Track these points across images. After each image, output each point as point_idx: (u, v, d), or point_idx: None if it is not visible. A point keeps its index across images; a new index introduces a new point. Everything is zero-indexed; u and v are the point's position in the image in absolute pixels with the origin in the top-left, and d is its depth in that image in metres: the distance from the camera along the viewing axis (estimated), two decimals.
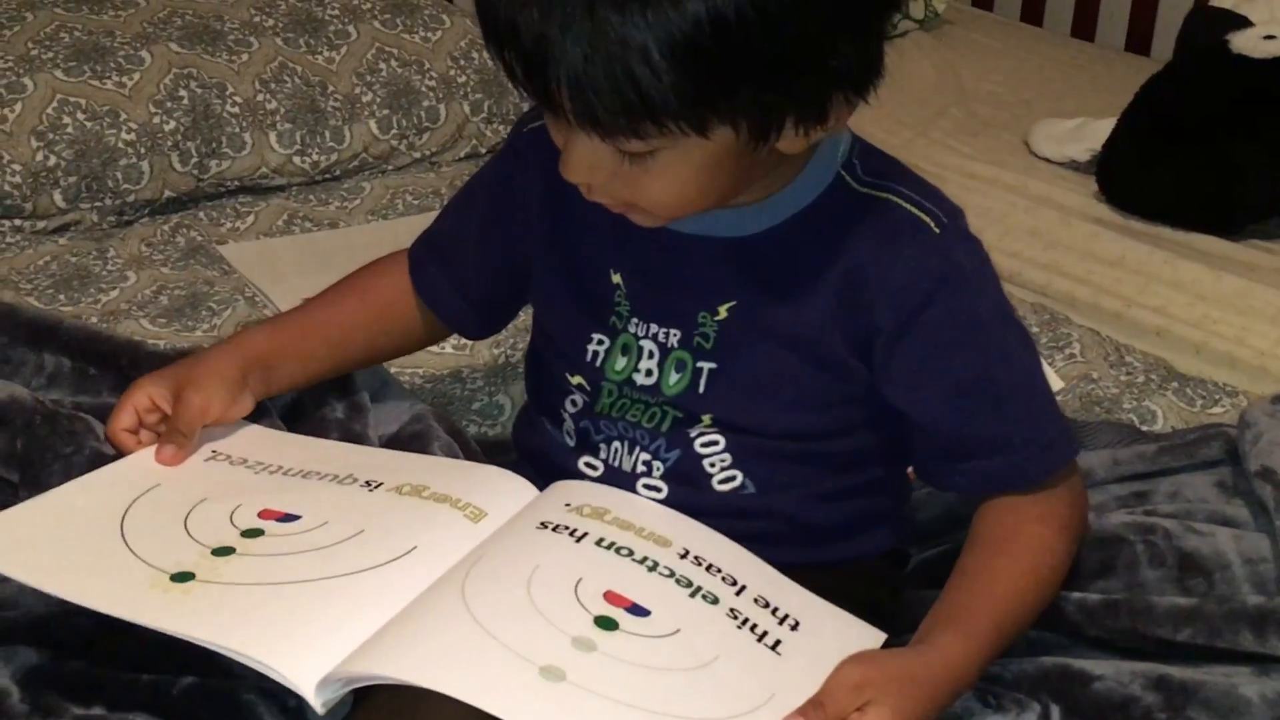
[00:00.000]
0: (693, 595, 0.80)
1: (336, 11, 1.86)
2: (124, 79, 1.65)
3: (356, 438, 1.09)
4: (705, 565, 0.83)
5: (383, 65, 1.82)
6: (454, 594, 0.77)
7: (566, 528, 0.84)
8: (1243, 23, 1.77)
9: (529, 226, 0.95)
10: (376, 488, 0.89)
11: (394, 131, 1.81)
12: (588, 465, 0.94)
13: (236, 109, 1.70)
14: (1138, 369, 1.37)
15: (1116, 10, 2.57)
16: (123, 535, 0.82)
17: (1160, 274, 1.58)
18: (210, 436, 0.96)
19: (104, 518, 0.84)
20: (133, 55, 1.68)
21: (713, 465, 0.91)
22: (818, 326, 0.86)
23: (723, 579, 0.83)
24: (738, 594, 0.82)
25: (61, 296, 1.44)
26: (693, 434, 0.90)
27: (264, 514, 0.85)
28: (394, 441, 1.10)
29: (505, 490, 0.89)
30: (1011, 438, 0.87)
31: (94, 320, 1.37)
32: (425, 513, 0.86)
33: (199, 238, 1.60)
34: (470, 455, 1.12)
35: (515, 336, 1.34)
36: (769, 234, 0.87)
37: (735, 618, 0.80)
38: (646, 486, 0.92)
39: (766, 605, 0.82)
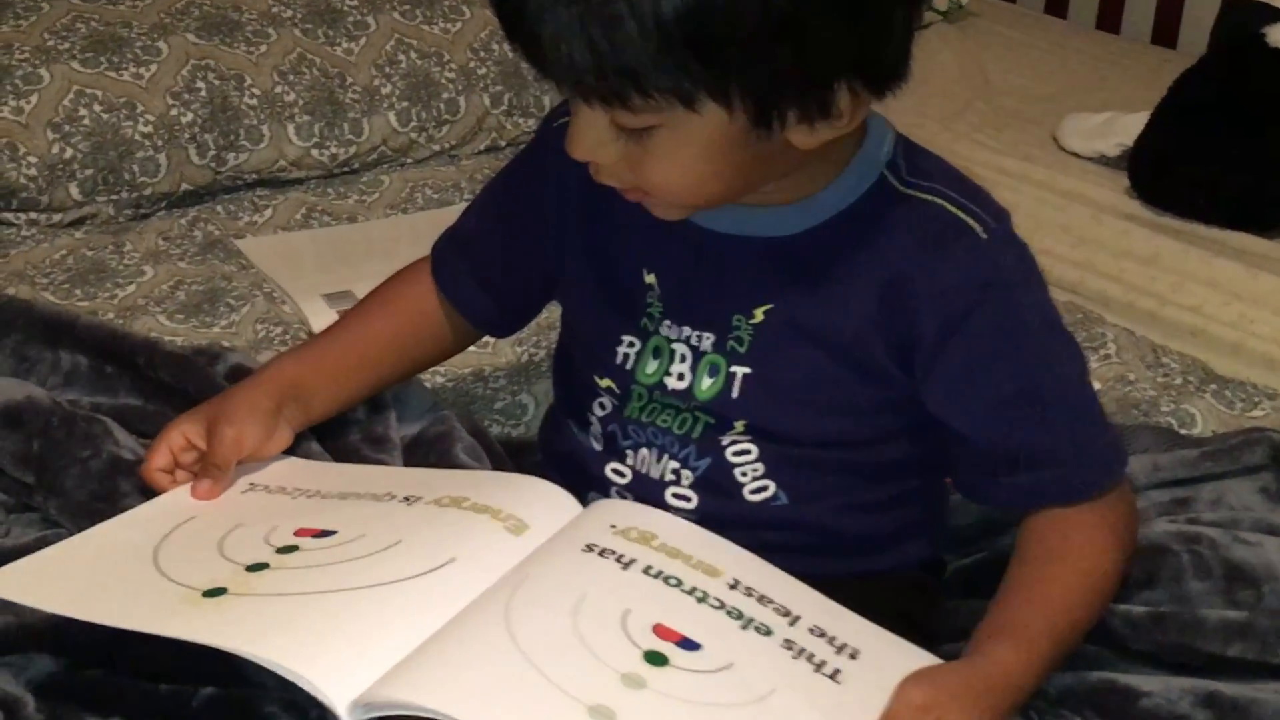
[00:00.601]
0: (744, 628, 0.78)
1: (355, 2, 1.83)
2: (141, 70, 1.63)
3: (379, 439, 1.07)
4: (756, 596, 0.81)
5: (402, 57, 1.80)
6: (497, 620, 0.74)
7: (613, 552, 0.81)
8: (1277, 15, 1.73)
9: (561, 225, 0.93)
10: (415, 502, 0.87)
11: (413, 124, 1.79)
12: (615, 472, 0.92)
13: (255, 101, 1.68)
14: (1175, 370, 1.34)
15: (1142, 2, 2.54)
16: (156, 564, 0.80)
17: (1195, 272, 1.54)
18: (247, 470, 0.94)
19: (139, 549, 0.82)
20: (150, 46, 1.66)
21: (744, 475, 0.88)
22: (857, 331, 0.84)
23: (775, 610, 0.80)
24: (791, 624, 0.79)
25: (78, 291, 1.42)
26: (724, 441, 0.88)
27: (300, 532, 0.83)
28: (416, 442, 1.09)
29: (546, 501, 0.87)
30: (1058, 451, 0.85)
31: (110, 316, 1.35)
32: (465, 523, 0.83)
33: (216, 232, 1.58)
34: (494, 456, 1.10)
35: (538, 334, 1.31)
36: (809, 234, 0.84)
37: (790, 649, 0.77)
38: (675, 496, 0.90)
39: (822, 635, 0.79)
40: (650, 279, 0.88)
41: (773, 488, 0.88)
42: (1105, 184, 1.76)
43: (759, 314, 0.85)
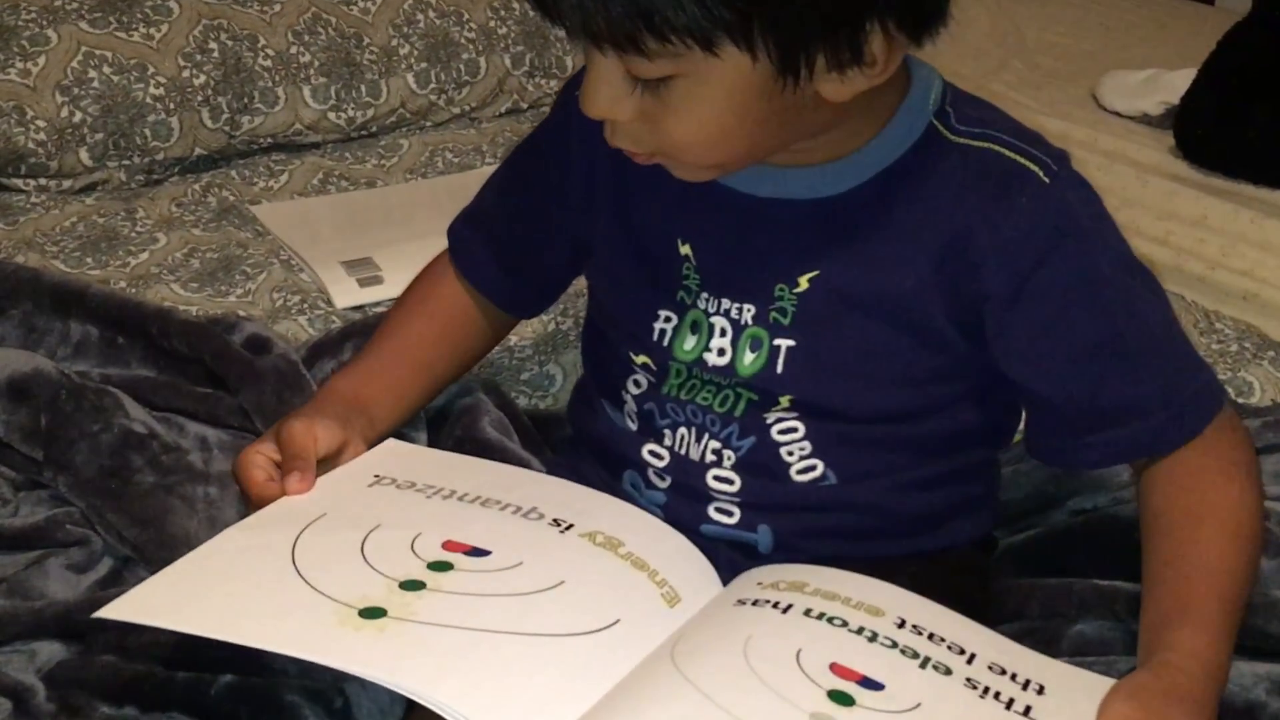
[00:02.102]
0: (923, 666, 0.73)
1: None
2: (151, 30, 1.58)
3: None
4: (927, 634, 0.75)
5: (420, 16, 1.75)
6: (668, 670, 0.70)
7: (768, 601, 0.77)
8: None
9: (589, 196, 0.88)
10: (567, 529, 0.81)
11: (432, 86, 1.73)
12: (652, 454, 0.87)
13: (269, 62, 1.63)
14: (1230, 337, 1.29)
15: None
16: (297, 570, 0.74)
17: (1246, 234, 1.49)
18: (366, 464, 0.87)
19: (274, 555, 0.76)
20: (160, 6, 1.60)
21: (790, 454, 0.83)
22: (914, 295, 0.78)
23: (949, 648, 0.75)
24: (969, 662, 0.74)
25: (89, 259, 1.37)
26: (769, 420, 0.83)
27: (449, 545, 0.77)
28: (443, 415, 1.05)
29: (697, 574, 0.81)
30: (1150, 400, 0.79)
31: (123, 285, 1.31)
32: (626, 580, 0.78)
33: (231, 197, 1.53)
34: (521, 430, 1.06)
35: (565, 302, 1.26)
36: (855, 194, 0.79)
37: (975, 688, 0.72)
38: (717, 479, 0.85)
39: (1004, 672, 0.74)
40: (686, 250, 0.83)
41: (821, 467, 0.83)
42: (1149, 143, 1.71)
43: (804, 282, 0.80)
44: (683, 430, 0.85)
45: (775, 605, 0.76)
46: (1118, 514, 0.96)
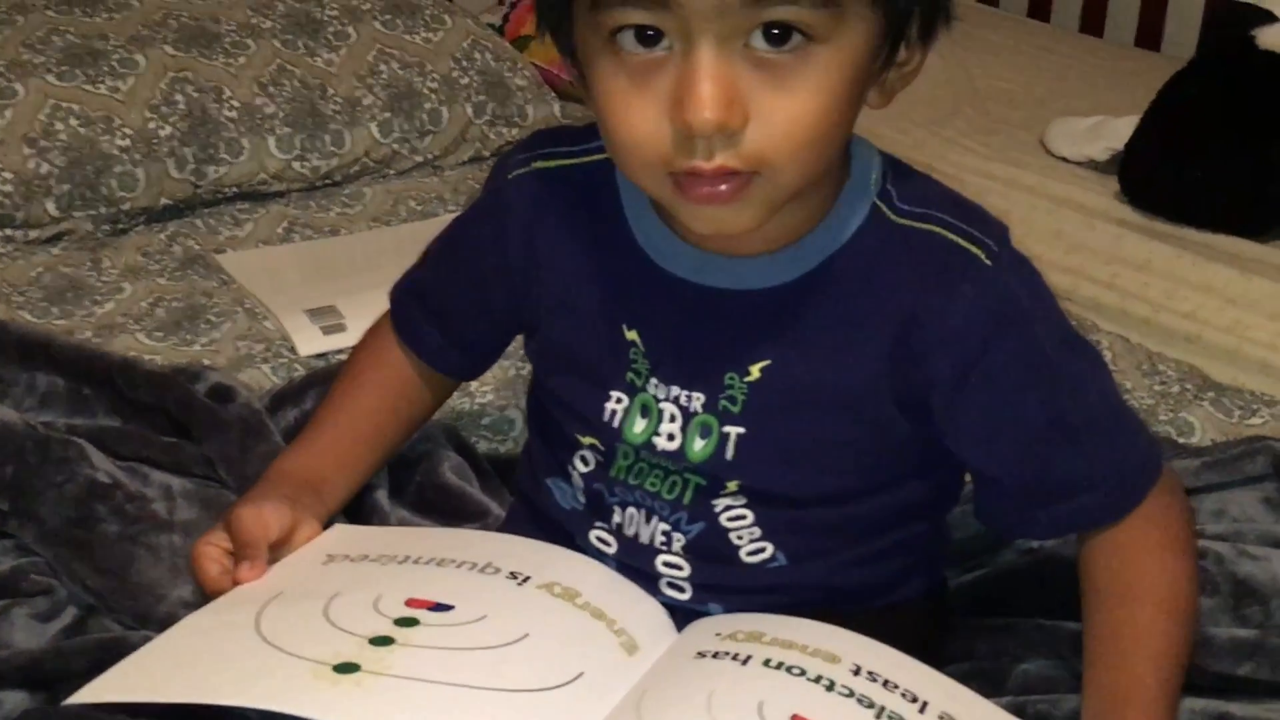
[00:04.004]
0: (879, 716, 0.75)
1: (336, 12, 1.81)
2: (118, 83, 1.60)
3: None
4: (881, 681, 0.77)
5: (383, 67, 1.78)
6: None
7: (727, 653, 0.78)
8: (1268, 17, 1.72)
9: (527, 280, 0.87)
10: (524, 581, 0.82)
11: (395, 135, 1.76)
12: (600, 540, 0.87)
13: (234, 113, 1.65)
14: (1172, 378, 1.32)
15: (1125, 6, 2.53)
16: (265, 639, 0.75)
17: (1189, 277, 1.53)
18: (318, 546, 0.88)
19: (239, 631, 0.77)
20: (127, 59, 1.63)
21: (739, 538, 0.84)
22: (864, 385, 0.79)
23: (902, 695, 0.77)
24: (921, 711, 0.76)
25: (55, 309, 1.39)
26: (717, 507, 0.83)
27: (412, 603, 0.78)
28: (402, 463, 1.06)
29: (652, 622, 0.83)
30: (1093, 476, 0.81)
31: (88, 334, 1.32)
32: (585, 631, 0.79)
33: (196, 246, 1.55)
34: (481, 474, 1.08)
35: (521, 346, 1.29)
36: (804, 280, 0.79)
37: None
38: (666, 564, 0.85)
39: None
40: (632, 335, 0.83)
41: (770, 549, 0.84)
42: (1095, 188, 1.75)
43: (755, 371, 0.80)
44: (632, 510, 0.85)
45: (735, 657, 0.78)
46: (1063, 554, 0.99)
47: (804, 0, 0.66)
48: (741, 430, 0.81)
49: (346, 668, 0.72)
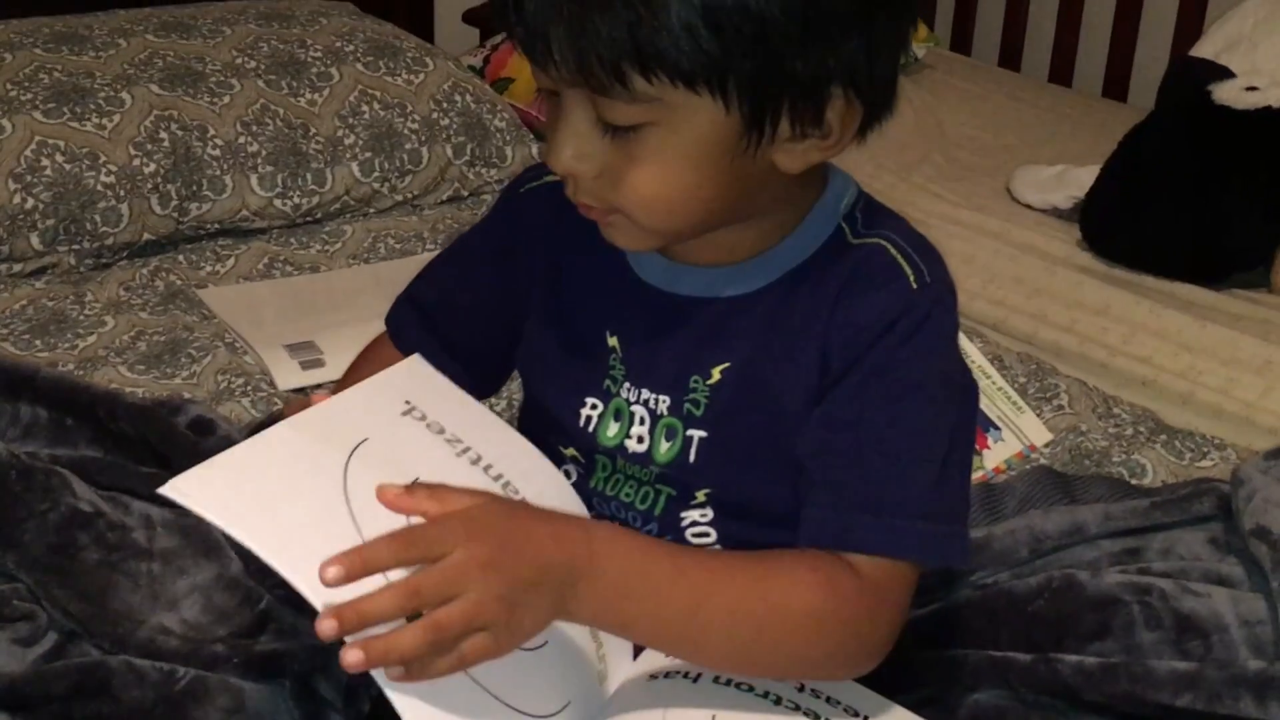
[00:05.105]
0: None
1: (319, 54, 1.85)
2: (104, 121, 1.64)
3: None
4: (824, 698, 0.82)
5: (365, 108, 1.81)
6: None
7: (679, 672, 0.82)
8: (1224, 73, 1.78)
9: (527, 292, 0.92)
10: None
11: (376, 174, 1.80)
12: None
13: (217, 151, 1.68)
14: (1126, 421, 1.36)
15: (1093, 57, 2.59)
16: (350, 508, 0.71)
17: (1145, 323, 1.58)
18: (395, 386, 0.83)
19: (327, 478, 0.72)
20: (113, 97, 1.66)
21: None
22: (803, 389, 0.82)
23: (844, 710, 0.81)
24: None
25: (38, 342, 1.41)
26: (685, 521, 0.87)
27: None
28: None
29: (619, 653, 0.85)
30: (873, 500, 0.78)
31: (70, 367, 1.35)
32: (582, 651, 0.82)
33: (178, 281, 1.58)
34: None
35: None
36: (765, 291, 0.84)
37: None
38: None
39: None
40: (613, 341, 0.88)
41: (714, 535, 0.87)
42: (1058, 235, 1.80)
43: (716, 374, 0.84)
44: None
45: (686, 675, 0.82)
46: (1013, 589, 1.02)
47: (618, 103, 0.72)
48: (704, 434, 0.85)
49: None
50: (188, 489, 0.69)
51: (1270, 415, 1.41)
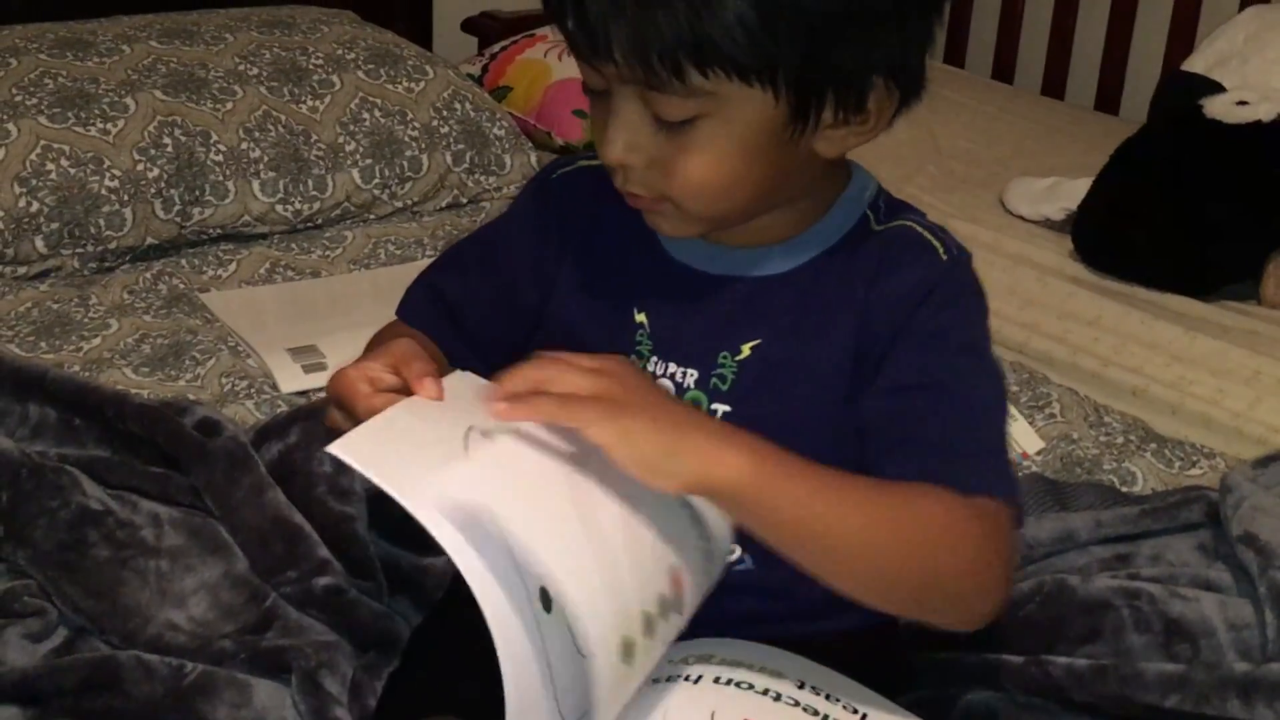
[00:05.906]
0: None
1: (320, 61, 1.87)
2: (108, 126, 1.65)
3: (344, 492, 1.09)
4: (824, 694, 0.83)
5: (366, 115, 1.83)
6: None
7: (679, 675, 0.83)
8: (1215, 88, 1.80)
9: (554, 275, 0.94)
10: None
11: (376, 181, 1.81)
12: None
13: (220, 157, 1.70)
14: (1116, 430, 1.38)
15: (1085, 70, 2.62)
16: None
17: (1137, 334, 1.59)
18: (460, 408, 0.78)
19: (450, 427, 0.73)
20: (117, 102, 1.68)
21: None
22: (836, 365, 0.85)
23: (844, 707, 0.82)
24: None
25: (43, 344, 1.43)
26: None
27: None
28: (382, 494, 1.10)
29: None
30: (939, 440, 0.81)
31: (76, 369, 1.37)
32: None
33: (181, 285, 1.59)
34: None
35: None
36: (795, 272, 0.87)
37: None
38: None
39: None
40: (641, 318, 0.90)
41: (739, 551, 0.89)
42: (1051, 247, 1.82)
43: (746, 349, 0.87)
44: None
45: (686, 678, 0.83)
46: None
47: (672, 98, 0.76)
48: (727, 409, 0.87)
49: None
50: (348, 450, 0.69)
51: (1259, 425, 1.43)
